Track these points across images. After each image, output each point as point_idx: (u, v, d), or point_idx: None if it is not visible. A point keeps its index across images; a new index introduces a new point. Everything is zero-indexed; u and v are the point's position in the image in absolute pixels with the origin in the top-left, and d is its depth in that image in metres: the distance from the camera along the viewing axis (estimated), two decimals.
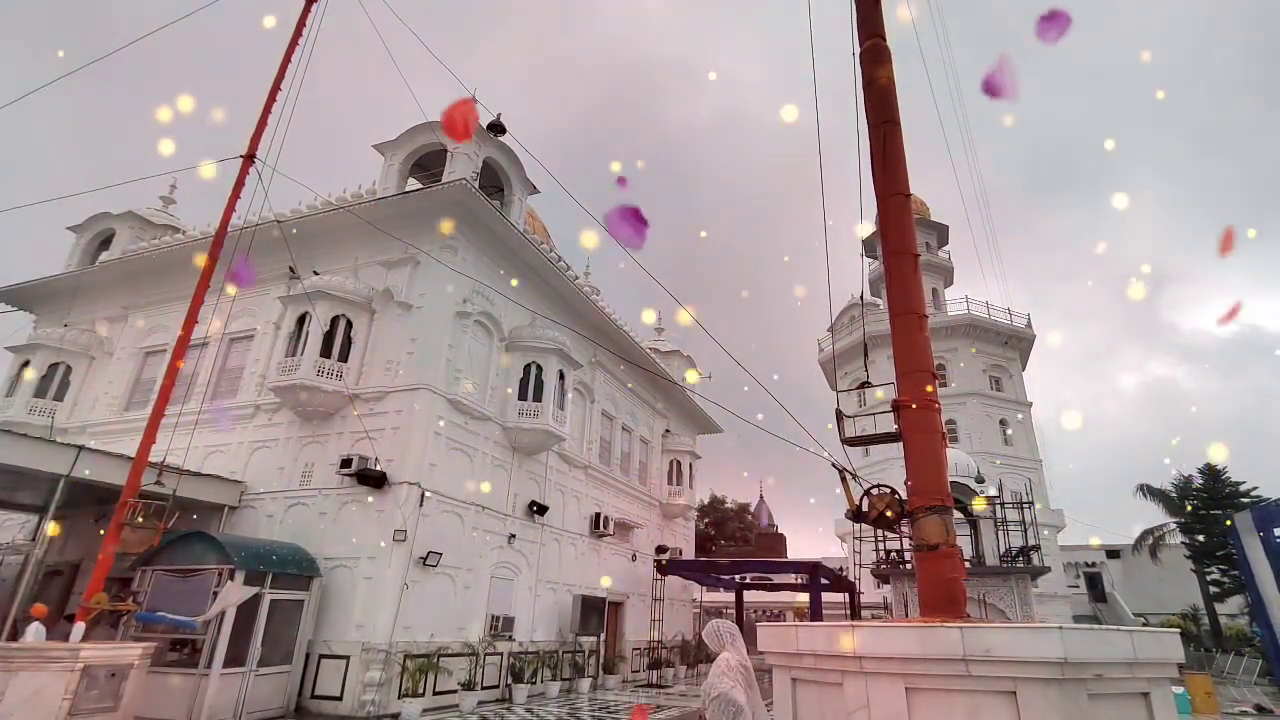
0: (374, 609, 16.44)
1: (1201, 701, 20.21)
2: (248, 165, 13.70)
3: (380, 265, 20.62)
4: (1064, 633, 4.84)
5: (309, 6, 15.00)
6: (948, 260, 51.05)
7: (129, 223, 27.06)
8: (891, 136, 8.52)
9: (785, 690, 6.45)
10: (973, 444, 40.46)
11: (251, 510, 18.93)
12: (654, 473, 33.85)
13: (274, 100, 14.04)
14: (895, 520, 7.65)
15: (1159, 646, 5.40)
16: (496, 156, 22.84)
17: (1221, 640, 41.35)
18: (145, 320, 24.63)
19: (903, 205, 8.32)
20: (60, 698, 10.09)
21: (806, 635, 6.18)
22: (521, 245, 22.19)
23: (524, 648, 20.82)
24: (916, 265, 8.11)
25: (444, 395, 19.17)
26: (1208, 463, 45.35)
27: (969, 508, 22.72)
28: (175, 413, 17.71)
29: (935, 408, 7.42)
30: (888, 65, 8.87)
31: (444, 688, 17.20)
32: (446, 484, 18.84)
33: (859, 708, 5.38)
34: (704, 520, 58.22)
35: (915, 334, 7.72)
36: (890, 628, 5.63)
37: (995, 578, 22.49)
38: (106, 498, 15.22)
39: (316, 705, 15.77)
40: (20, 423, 21.58)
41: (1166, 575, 49.32)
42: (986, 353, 45.10)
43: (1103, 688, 5.01)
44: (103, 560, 11.43)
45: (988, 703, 4.98)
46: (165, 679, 13.53)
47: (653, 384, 33.28)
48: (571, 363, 23.65)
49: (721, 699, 5.88)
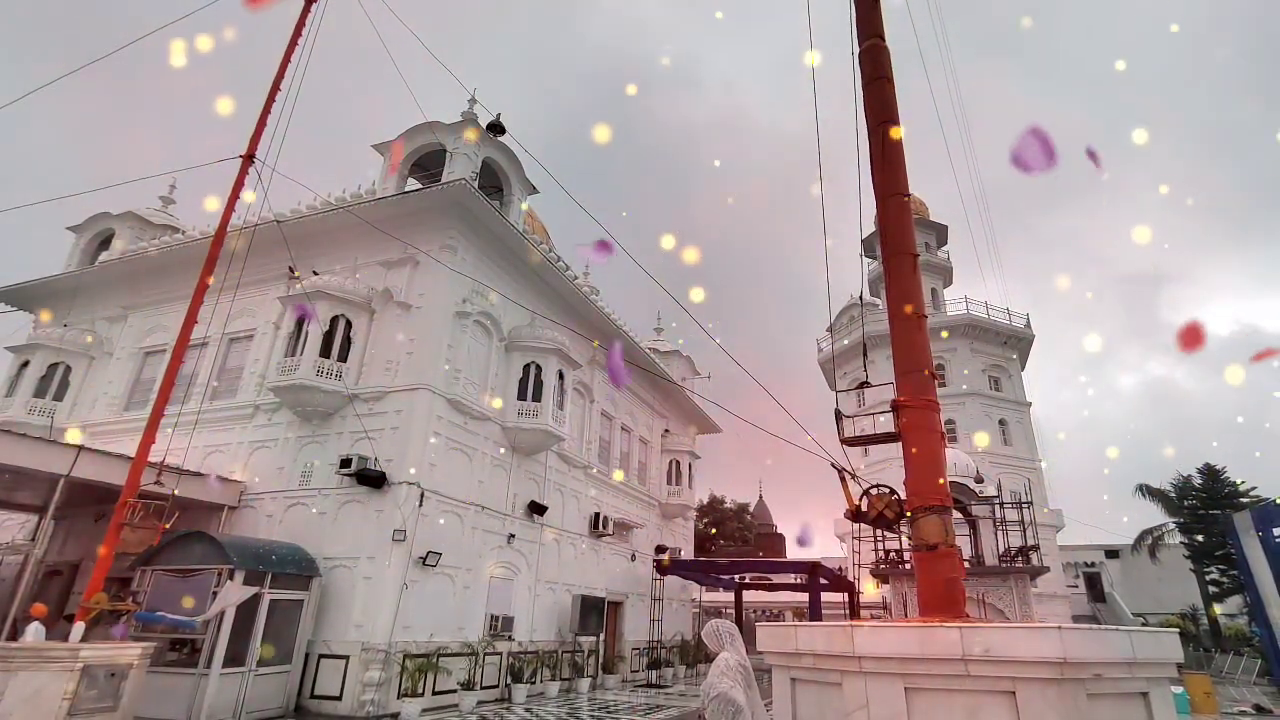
0: (373, 609, 16.44)
1: (1200, 701, 20.22)
2: (247, 165, 13.69)
3: (380, 265, 20.63)
4: (1063, 633, 4.86)
5: (308, 7, 14.99)
6: (947, 260, 51.06)
7: (128, 223, 27.11)
8: (890, 137, 8.54)
9: (784, 690, 6.46)
10: (971, 444, 40.47)
11: (251, 510, 18.93)
12: (653, 472, 33.82)
13: (273, 100, 14.04)
14: (894, 520, 7.67)
15: (1158, 646, 5.41)
16: (496, 157, 22.84)
17: (1220, 640, 41.37)
18: (145, 320, 24.65)
19: (902, 205, 8.34)
20: (60, 697, 10.09)
21: (805, 635, 6.20)
22: (521, 245, 22.17)
23: (523, 648, 20.83)
24: (916, 265, 8.13)
25: (443, 395, 19.17)
26: (1207, 463, 45.42)
27: (968, 508, 22.75)
28: (175, 412, 17.72)
29: (934, 407, 7.43)
30: (886, 65, 8.89)
31: (443, 687, 17.21)
32: (446, 484, 18.85)
33: (858, 707, 5.39)
34: (703, 520, 58.22)
35: (914, 334, 7.73)
36: (889, 628, 5.65)
37: (994, 577, 22.50)
38: (106, 497, 15.22)
39: (316, 705, 15.77)
40: (20, 423, 21.58)
41: (1165, 575, 49.31)
42: (985, 353, 45.11)
43: (1102, 687, 5.02)
44: (102, 560, 11.43)
45: (987, 702, 4.99)
46: (165, 679, 13.54)
47: (652, 384, 33.29)
48: (571, 362, 23.65)
49: (721, 699, 5.89)
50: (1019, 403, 44.74)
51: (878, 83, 8.82)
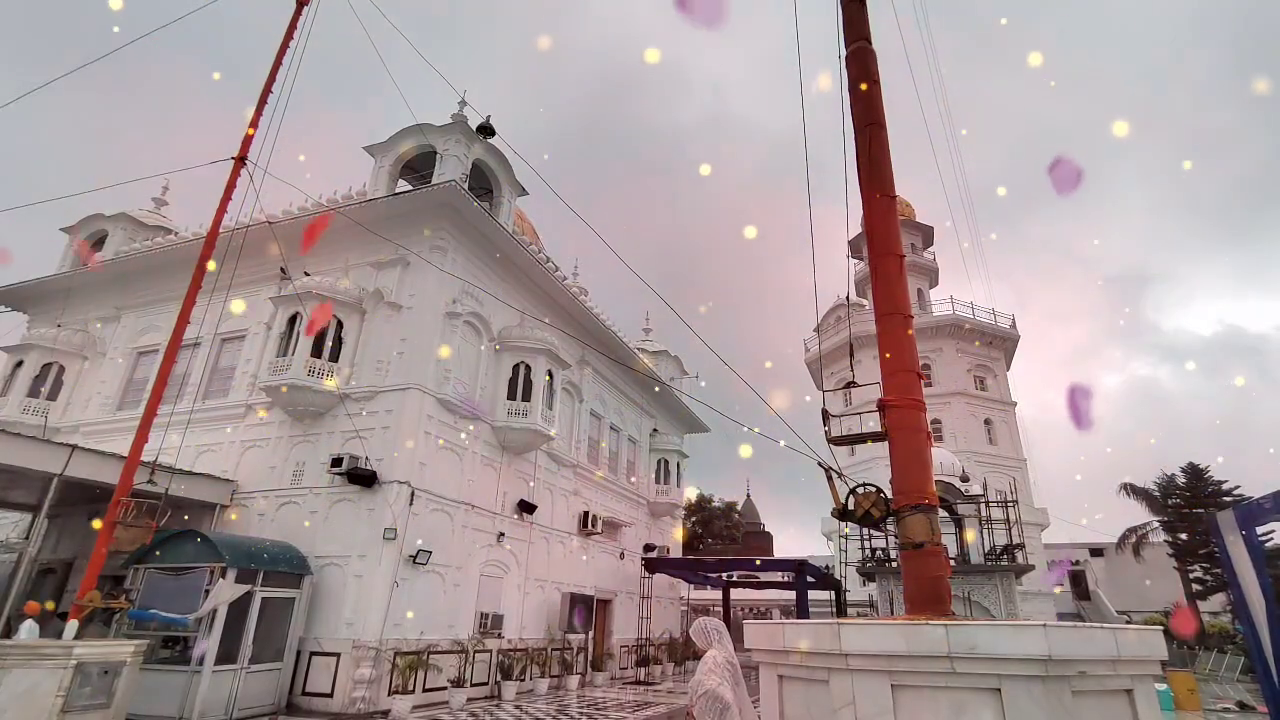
0: (364, 607, 16.51)
1: (1184, 698, 20.39)
2: (239, 167, 13.73)
3: (370, 266, 20.69)
4: (1048, 630, 4.90)
5: (299, 9, 15.03)
6: (933, 261, 51.34)
7: (121, 224, 27.20)
8: (877, 139, 8.62)
9: (771, 687, 6.51)
10: (958, 443, 40.67)
11: (243, 509, 18.95)
12: (642, 471, 33.90)
13: (265, 102, 14.08)
14: (880, 519, 7.75)
15: (1142, 644, 5.44)
16: (485, 158, 22.89)
17: (1204, 638, 41.60)
18: (138, 320, 24.65)
19: (888, 207, 8.41)
20: (53, 695, 10.15)
21: (792, 632, 6.26)
22: (510, 246, 22.25)
23: (513, 645, 20.89)
24: (902, 266, 8.20)
25: (434, 395, 19.23)
26: (1190, 462, 45.68)
27: (954, 506, 22.90)
28: (167, 412, 17.74)
29: (920, 407, 7.53)
30: (873, 68, 8.98)
31: (434, 685, 17.27)
32: (436, 483, 18.91)
33: (844, 704, 5.43)
34: (691, 519, 58.25)
35: (900, 334, 7.82)
36: (876, 625, 5.72)
37: (980, 575, 22.67)
38: (99, 496, 15.23)
39: (307, 702, 15.83)
40: (14, 422, 21.56)
41: (1150, 573, 49.50)
42: (971, 353, 45.34)
43: (1086, 685, 5.04)
44: (95, 558, 11.47)
45: (972, 700, 5.02)
46: (158, 676, 13.57)
47: (640, 384, 33.36)
48: (560, 362, 23.72)
49: (709, 696, 5.93)
50: (1004, 402, 45.01)
51: (864, 85, 8.90)
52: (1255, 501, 12.15)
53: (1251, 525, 12.03)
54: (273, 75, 14.25)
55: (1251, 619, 11.47)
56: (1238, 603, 11.77)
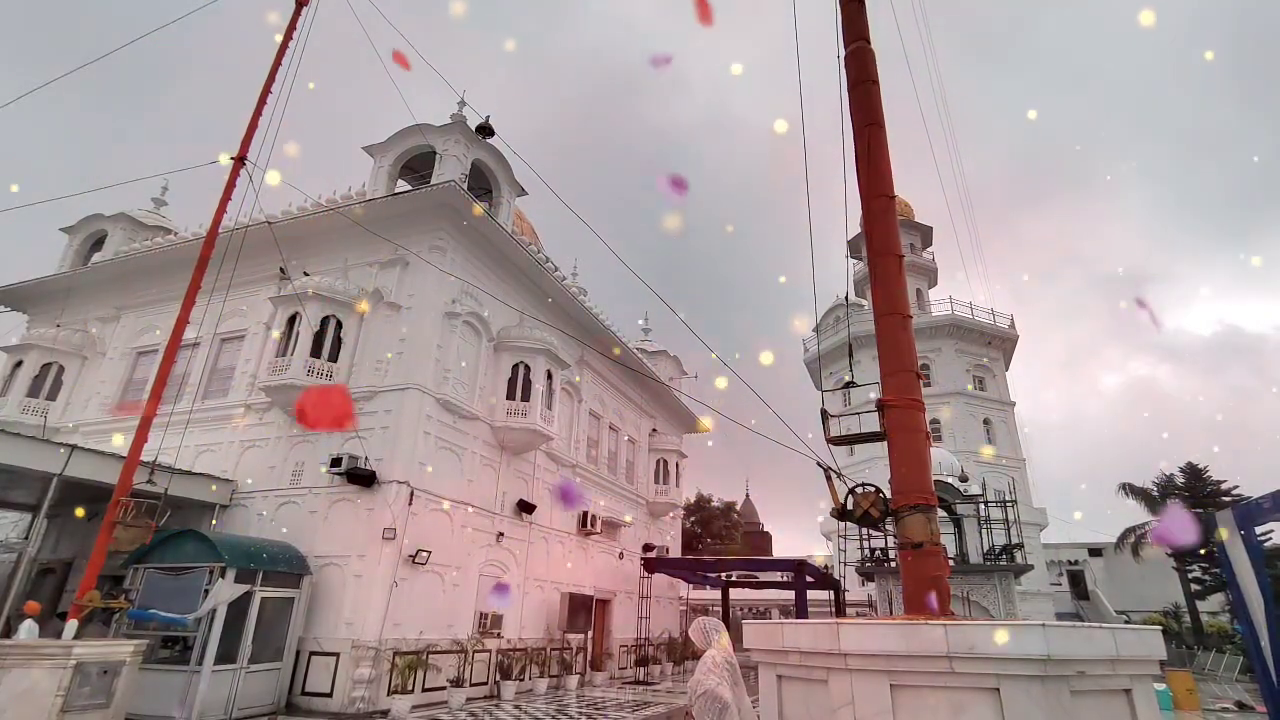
0: (364, 606, 16.50)
1: (1183, 698, 20.42)
2: (239, 167, 13.74)
3: (370, 266, 20.68)
4: (1047, 630, 4.92)
5: (299, 9, 15.04)
6: (932, 261, 51.29)
7: (121, 224, 27.25)
8: (876, 139, 8.63)
9: (771, 687, 6.52)
10: (956, 444, 40.65)
11: (243, 509, 18.95)
12: (641, 471, 33.87)
13: (264, 102, 14.08)
14: (879, 518, 7.76)
15: (1141, 644, 5.45)
16: (485, 158, 22.90)
17: (1203, 637, 41.57)
18: (137, 320, 24.65)
19: (887, 207, 8.43)
20: (53, 694, 10.16)
21: (791, 632, 6.26)
22: (509, 246, 22.26)
23: (512, 645, 20.89)
24: (901, 266, 8.22)
25: (433, 395, 19.23)
26: (1189, 461, 45.70)
27: (952, 506, 22.90)
28: (167, 412, 17.72)
29: (919, 407, 7.54)
30: (872, 68, 8.99)
31: (433, 684, 17.26)
32: (435, 483, 18.89)
33: (844, 704, 5.45)
34: (690, 518, 58.23)
35: (899, 334, 7.83)
36: (875, 625, 5.72)
37: (979, 575, 22.68)
38: (99, 496, 15.23)
39: (307, 702, 15.82)
40: (14, 422, 21.56)
41: (1148, 573, 49.51)
42: (970, 353, 45.31)
43: (1085, 684, 5.06)
44: (95, 558, 11.47)
45: (971, 699, 5.03)
46: (157, 675, 13.57)
47: (639, 383, 33.35)
48: (559, 363, 23.71)
49: (708, 695, 5.94)
50: (1003, 402, 44.97)
51: (863, 85, 8.91)
52: (1254, 501, 12.17)
53: (1250, 525, 12.05)
54: (272, 75, 14.26)
55: (1250, 618, 11.49)
56: (1236, 602, 11.79)
